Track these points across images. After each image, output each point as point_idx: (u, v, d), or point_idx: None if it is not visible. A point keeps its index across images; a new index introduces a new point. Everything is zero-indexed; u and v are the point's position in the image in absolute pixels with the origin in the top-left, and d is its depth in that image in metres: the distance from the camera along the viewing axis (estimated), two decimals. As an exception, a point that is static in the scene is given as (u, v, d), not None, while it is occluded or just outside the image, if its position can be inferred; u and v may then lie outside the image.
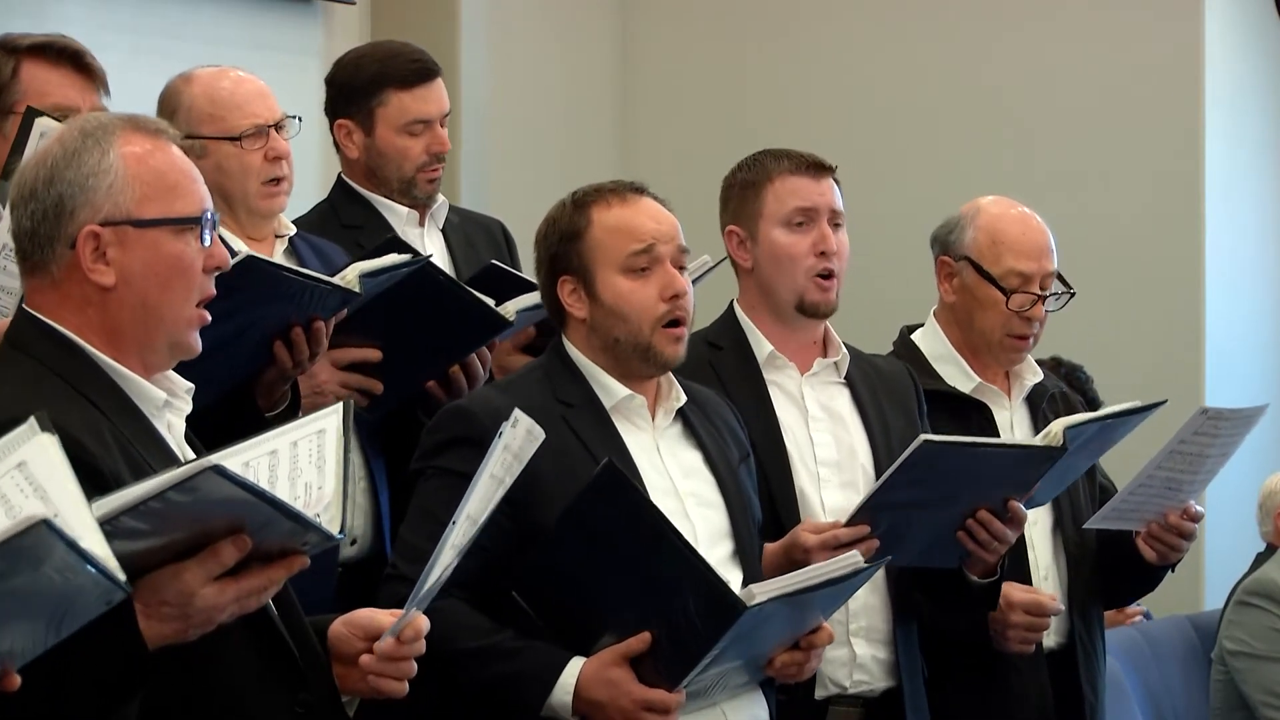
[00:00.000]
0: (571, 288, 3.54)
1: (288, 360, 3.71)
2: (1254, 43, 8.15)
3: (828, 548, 3.67)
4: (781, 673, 3.43)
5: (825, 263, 3.96)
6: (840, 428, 3.98)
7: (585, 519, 3.26)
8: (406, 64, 4.53)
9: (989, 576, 3.97)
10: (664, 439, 3.57)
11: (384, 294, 3.81)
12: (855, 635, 3.90)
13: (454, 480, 3.35)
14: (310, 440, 2.64)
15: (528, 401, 3.35)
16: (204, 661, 2.54)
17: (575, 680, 3.30)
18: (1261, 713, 5.96)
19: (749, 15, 8.15)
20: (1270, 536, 6.72)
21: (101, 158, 2.69)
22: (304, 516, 2.48)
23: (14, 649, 2.22)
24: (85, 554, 2.15)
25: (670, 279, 3.52)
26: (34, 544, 2.10)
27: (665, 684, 3.28)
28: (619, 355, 3.53)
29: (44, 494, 2.25)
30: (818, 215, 3.97)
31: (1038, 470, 3.88)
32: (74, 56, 3.74)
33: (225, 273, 3.40)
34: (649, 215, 3.55)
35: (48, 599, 2.18)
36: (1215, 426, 4.18)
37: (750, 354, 3.99)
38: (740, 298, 4.07)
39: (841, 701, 3.89)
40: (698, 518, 3.52)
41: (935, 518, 3.82)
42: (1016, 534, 3.91)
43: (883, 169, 7.71)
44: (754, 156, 4.05)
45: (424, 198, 4.54)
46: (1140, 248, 7.67)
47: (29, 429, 2.31)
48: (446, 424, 3.52)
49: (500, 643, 3.36)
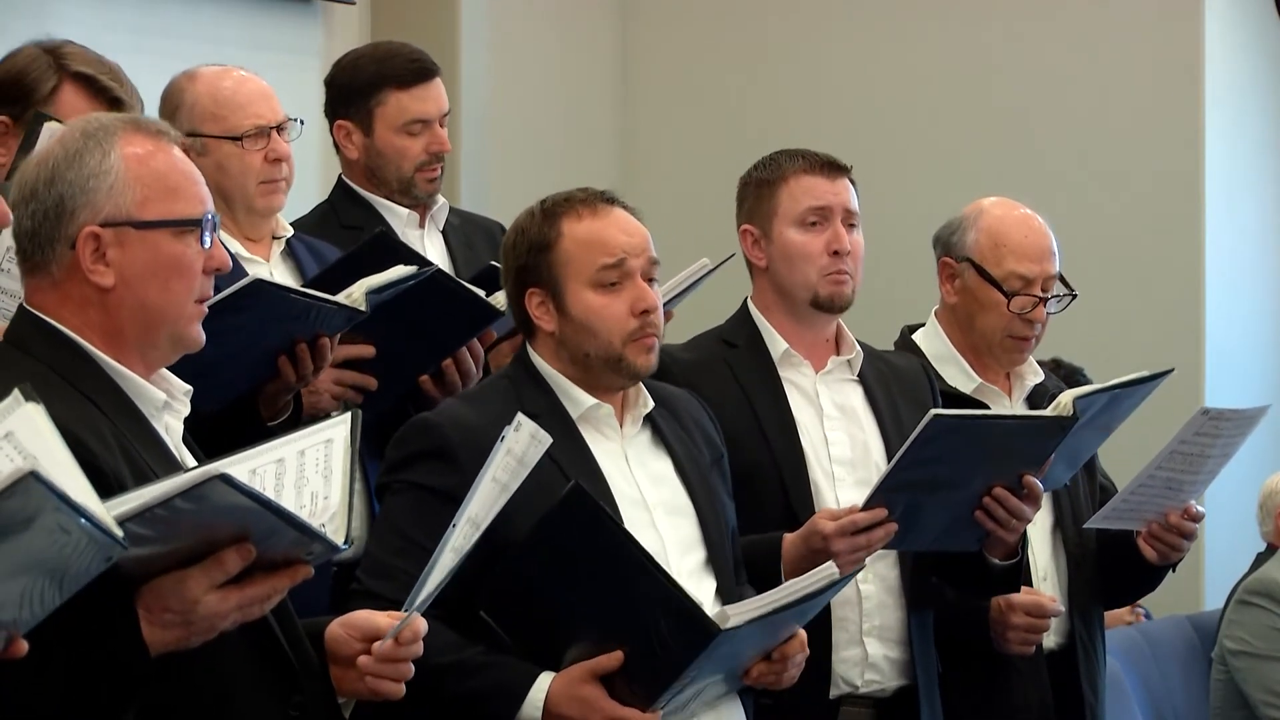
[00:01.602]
0: (540, 300, 3.48)
1: (292, 375, 3.72)
2: (1254, 43, 8.16)
3: (846, 533, 3.66)
4: (758, 682, 3.37)
5: (839, 262, 3.95)
6: (855, 425, 3.98)
7: (553, 540, 3.18)
8: (405, 64, 4.52)
9: (1010, 559, 3.96)
10: (632, 447, 3.51)
11: (388, 302, 3.81)
12: (868, 635, 3.89)
13: (421, 494, 3.33)
14: (318, 449, 2.64)
15: (494, 413, 3.29)
16: (198, 663, 2.53)
17: (545, 695, 3.23)
18: (1262, 712, 5.96)
19: (749, 16, 8.15)
20: (1270, 536, 6.73)
21: (103, 159, 2.69)
22: (310, 527, 2.47)
23: (18, 616, 2.21)
24: (77, 506, 2.14)
25: (640, 294, 3.45)
26: (23, 499, 2.08)
27: (639, 703, 3.21)
28: (589, 368, 3.47)
29: (34, 460, 2.23)
30: (832, 215, 3.96)
31: (1050, 442, 3.86)
32: (113, 101, 3.74)
33: (231, 296, 3.42)
34: (620, 228, 3.48)
35: (44, 558, 2.16)
36: (1216, 427, 4.18)
37: (765, 352, 3.99)
38: (754, 296, 4.06)
39: (853, 701, 3.88)
40: (667, 527, 3.46)
41: (951, 498, 3.80)
42: (1035, 510, 3.88)
43: (884, 169, 7.70)
44: (770, 156, 4.04)
45: (424, 198, 4.53)
46: (1140, 248, 7.67)
47: (14, 400, 2.30)
48: (411, 438, 3.44)
49: (470, 658, 3.28)
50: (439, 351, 4.07)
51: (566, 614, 3.25)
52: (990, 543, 3.91)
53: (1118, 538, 4.34)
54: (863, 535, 3.67)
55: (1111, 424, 4.16)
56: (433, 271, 3.86)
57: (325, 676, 2.78)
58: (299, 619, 2.79)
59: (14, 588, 2.18)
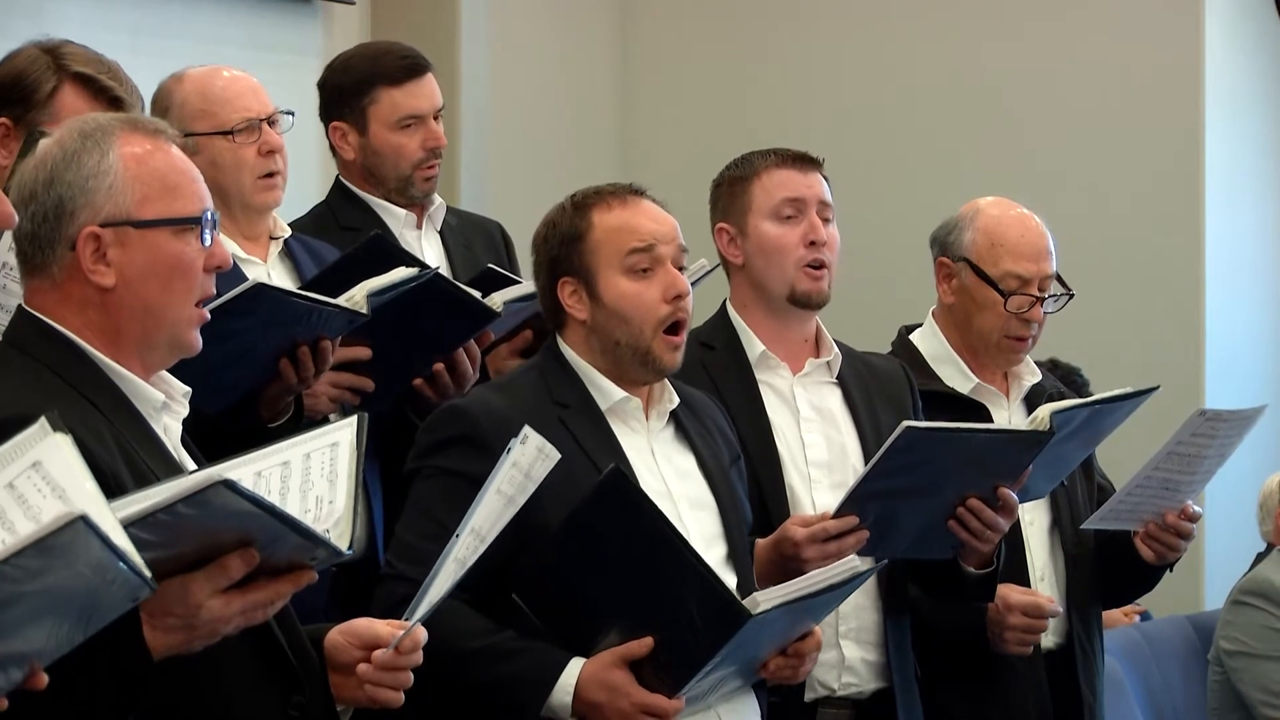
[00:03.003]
0: (572, 289, 3.54)
1: (293, 377, 3.72)
2: (1254, 43, 8.16)
3: (817, 540, 3.67)
4: (775, 675, 3.43)
5: (815, 253, 3.95)
6: (832, 428, 3.98)
7: (590, 524, 3.25)
8: (395, 61, 4.52)
9: (985, 568, 3.96)
10: (658, 441, 3.57)
11: (385, 304, 3.81)
12: (844, 637, 3.89)
13: (451, 479, 3.38)
14: (323, 453, 2.63)
15: (524, 402, 3.38)
16: (197, 663, 2.53)
17: (575, 681, 3.29)
18: (1259, 711, 5.96)
19: (749, 15, 8.15)
20: (1270, 536, 6.73)
21: (101, 159, 2.69)
22: (314, 533, 2.47)
23: (44, 648, 2.22)
24: (118, 550, 2.15)
25: (672, 280, 3.52)
26: (70, 541, 2.09)
27: (665, 690, 3.27)
28: (618, 358, 3.53)
29: (63, 493, 2.25)
30: (806, 207, 3.96)
31: (1025, 455, 3.86)
32: (114, 101, 3.74)
33: (232, 300, 3.42)
34: (649, 216, 3.55)
35: (77, 597, 2.17)
36: (1213, 428, 4.18)
37: (742, 354, 3.99)
38: (732, 296, 4.06)
39: (830, 704, 3.88)
40: (691, 520, 3.51)
41: (924, 506, 3.80)
42: (1009, 522, 3.88)
43: (882, 169, 7.72)
44: (742, 155, 4.05)
45: (421, 196, 4.52)
46: (1140, 248, 7.67)
47: (40, 429, 2.30)
48: (443, 423, 3.51)
49: (501, 643, 3.35)
50: (436, 353, 4.07)
51: (599, 598, 3.30)
52: (965, 552, 3.90)
53: (1115, 538, 4.34)
54: (834, 543, 3.67)
55: (1095, 438, 4.15)
56: (431, 274, 3.87)
57: (325, 679, 2.78)
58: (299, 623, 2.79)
59: (44, 623, 2.18)
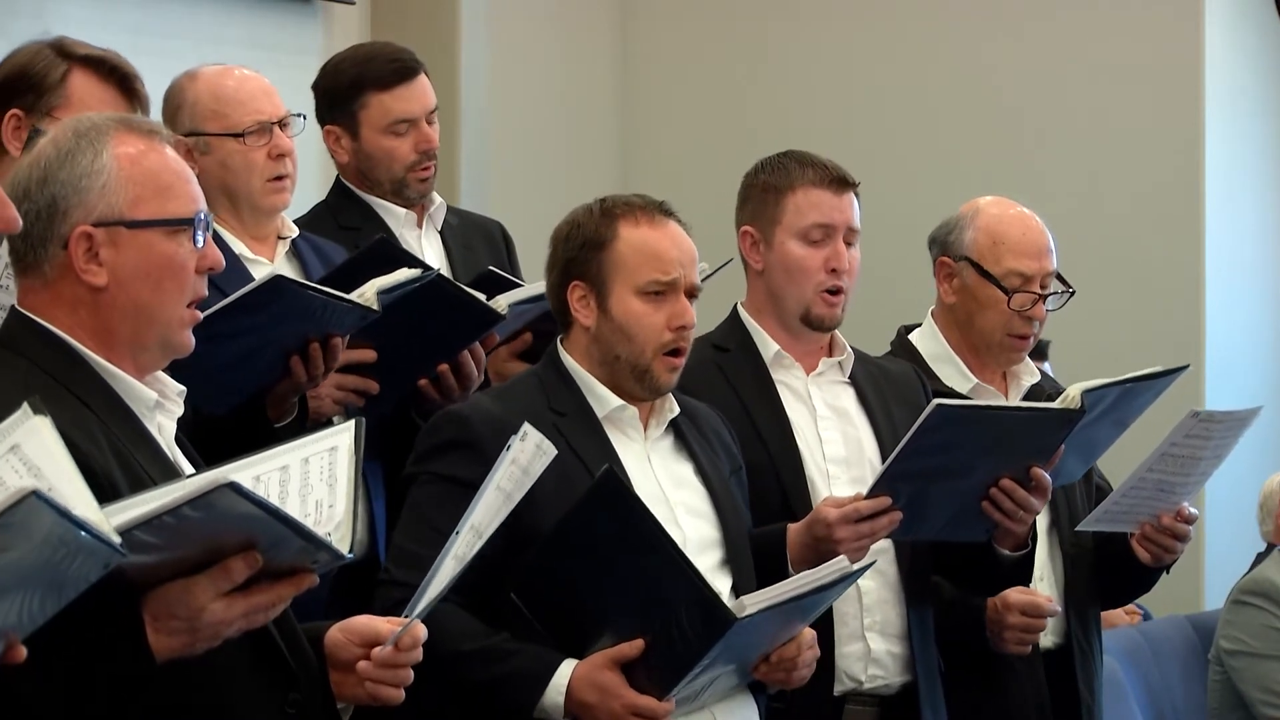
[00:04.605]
0: (582, 294, 3.55)
1: (303, 375, 3.72)
2: (1254, 43, 8.15)
3: (849, 520, 3.68)
4: (768, 677, 3.44)
5: (835, 280, 3.97)
6: (848, 425, 3.99)
7: (584, 524, 3.27)
8: (384, 65, 4.51)
9: (1020, 550, 3.96)
10: (655, 450, 3.59)
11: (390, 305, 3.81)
12: (869, 630, 3.90)
13: (449, 486, 3.39)
14: (321, 457, 2.64)
15: (521, 409, 3.37)
16: (194, 663, 2.53)
17: (567, 681, 3.32)
18: (1260, 710, 5.96)
19: (749, 16, 8.15)
20: (1270, 536, 6.73)
21: (95, 158, 2.69)
22: (317, 537, 2.48)
23: (19, 621, 2.22)
24: (77, 520, 2.15)
25: (681, 310, 3.54)
26: (25, 517, 2.10)
27: (655, 691, 3.29)
28: (616, 371, 3.55)
29: (38, 472, 2.26)
30: (835, 232, 3.97)
31: (1056, 435, 3.86)
32: (123, 79, 3.73)
33: (250, 293, 3.42)
34: (675, 243, 3.56)
35: (43, 570, 2.18)
36: (1207, 429, 4.18)
37: (757, 354, 4.00)
38: (747, 298, 4.07)
39: (857, 700, 3.89)
40: (687, 526, 3.53)
41: (956, 487, 3.80)
42: (1042, 502, 3.88)
43: (882, 169, 7.69)
44: (779, 159, 4.03)
45: (417, 197, 4.52)
46: (1140, 248, 7.67)
47: (22, 414, 2.32)
48: (442, 428, 3.52)
49: (496, 645, 3.38)
50: (440, 355, 4.07)
51: (593, 599, 3.33)
52: (1000, 534, 3.91)
53: (1113, 538, 4.34)
54: (866, 523, 3.68)
55: (1126, 419, 4.14)
56: (435, 275, 3.87)
57: (323, 677, 2.78)
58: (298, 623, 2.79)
59: (14, 597, 2.19)
